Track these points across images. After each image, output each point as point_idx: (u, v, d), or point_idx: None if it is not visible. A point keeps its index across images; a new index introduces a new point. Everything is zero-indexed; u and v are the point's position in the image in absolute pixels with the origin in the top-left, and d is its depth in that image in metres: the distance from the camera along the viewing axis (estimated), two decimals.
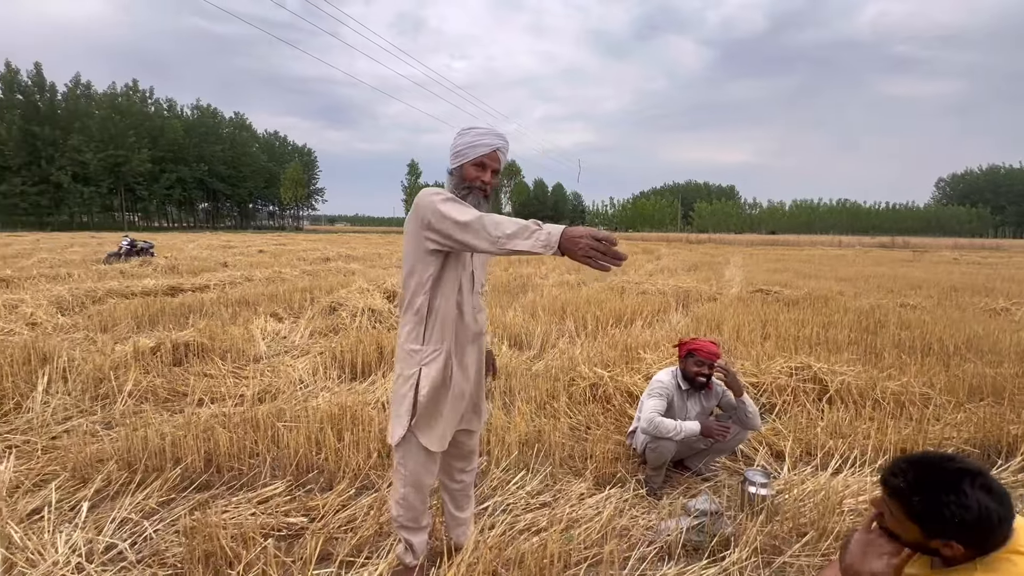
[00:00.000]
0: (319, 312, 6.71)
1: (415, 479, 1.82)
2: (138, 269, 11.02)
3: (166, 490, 2.53)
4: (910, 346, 5.23)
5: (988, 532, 1.11)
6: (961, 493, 1.10)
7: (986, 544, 1.13)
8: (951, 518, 1.11)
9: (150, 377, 3.94)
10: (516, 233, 1.39)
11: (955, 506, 1.10)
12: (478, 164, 1.72)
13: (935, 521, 1.13)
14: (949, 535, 1.13)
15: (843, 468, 2.91)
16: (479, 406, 1.98)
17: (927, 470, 1.17)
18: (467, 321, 1.81)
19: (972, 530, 1.11)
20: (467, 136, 1.73)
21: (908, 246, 42.02)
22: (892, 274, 14.05)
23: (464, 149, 1.72)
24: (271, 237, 34.62)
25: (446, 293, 1.74)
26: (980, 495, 1.10)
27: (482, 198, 1.76)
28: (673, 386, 2.77)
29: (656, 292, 9.04)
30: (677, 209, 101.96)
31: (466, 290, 1.80)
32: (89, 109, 58.89)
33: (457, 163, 1.73)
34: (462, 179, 1.73)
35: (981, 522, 1.10)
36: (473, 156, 1.71)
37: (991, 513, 1.09)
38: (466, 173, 1.72)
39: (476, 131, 1.73)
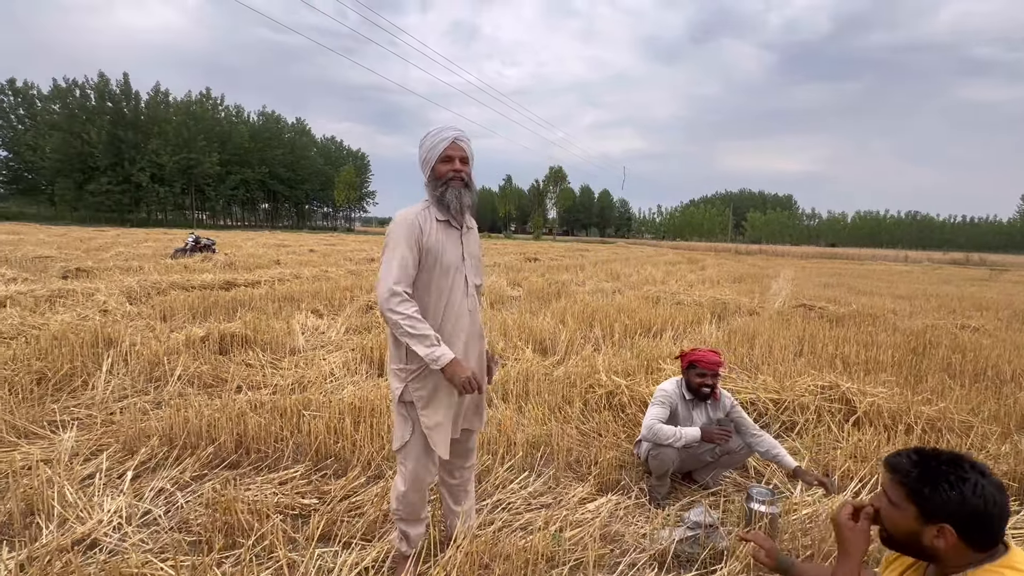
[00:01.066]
0: (356, 310, 7.03)
1: (415, 477, 1.93)
2: (200, 264, 11.88)
3: (199, 466, 2.78)
4: (960, 371, 4.90)
5: (982, 518, 1.13)
6: (961, 469, 1.15)
7: (979, 535, 1.14)
8: (948, 492, 1.14)
9: (197, 364, 4.30)
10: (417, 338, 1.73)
11: (954, 480, 1.14)
12: (444, 159, 1.83)
13: (932, 497, 1.16)
14: (944, 515, 1.15)
15: (861, 492, 2.81)
16: (480, 406, 2.07)
17: (930, 452, 1.23)
18: (463, 326, 1.89)
19: (967, 512, 1.13)
20: (425, 141, 1.85)
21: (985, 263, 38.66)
22: (958, 293, 13.05)
23: (427, 155, 1.84)
24: (323, 237, 36.27)
25: (432, 308, 1.83)
26: (978, 476, 1.14)
27: (462, 187, 1.84)
28: (677, 396, 2.77)
29: (692, 303, 8.84)
30: (728, 218, 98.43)
31: (457, 295, 1.87)
32: (167, 115, 63.83)
33: (427, 169, 1.86)
34: (436, 179, 1.84)
35: (976, 502, 1.12)
36: (437, 155, 1.83)
37: (987, 495, 1.12)
38: (437, 172, 1.84)
39: (431, 133, 1.85)
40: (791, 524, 2.39)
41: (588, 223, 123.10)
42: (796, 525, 2.39)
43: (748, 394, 3.75)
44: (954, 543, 1.15)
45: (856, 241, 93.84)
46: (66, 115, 57.17)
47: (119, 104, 60.74)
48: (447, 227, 1.87)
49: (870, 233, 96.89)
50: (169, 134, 61.35)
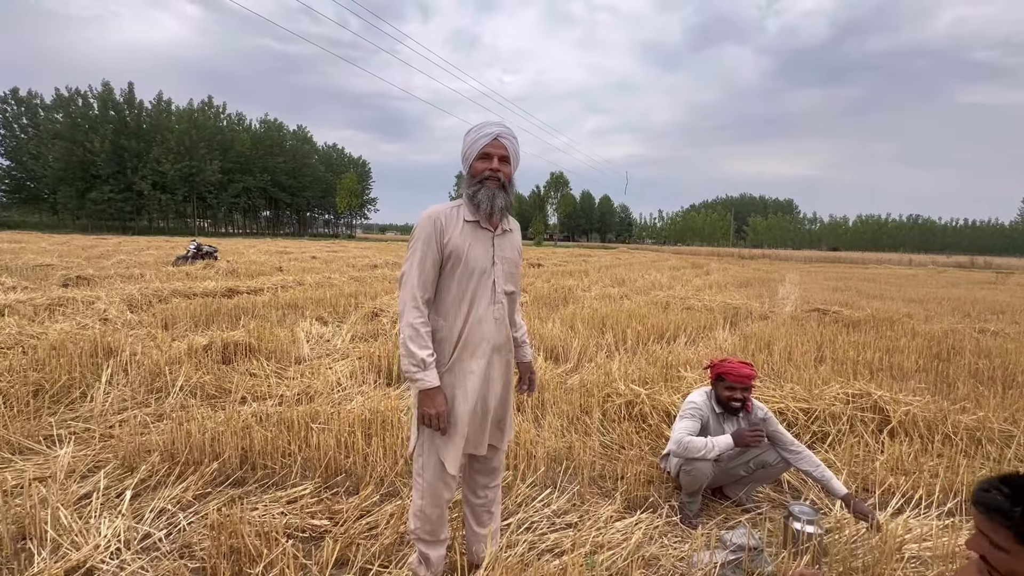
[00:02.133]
0: (361, 317, 6.88)
1: (433, 491, 1.79)
2: (201, 271, 11.76)
3: (203, 484, 2.62)
4: (989, 377, 4.73)
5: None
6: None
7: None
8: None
9: (200, 373, 4.14)
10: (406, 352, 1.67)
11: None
12: (483, 156, 1.73)
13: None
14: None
15: (905, 509, 2.63)
16: (504, 421, 1.91)
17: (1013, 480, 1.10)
18: (486, 333, 1.76)
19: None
20: (468, 137, 1.76)
21: (990, 267, 38.46)
22: (970, 297, 12.87)
23: (467, 150, 1.75)
24: (325, 244, 36.19)
25: (453, 312, 1.73)
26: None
27: (497, 188, 1.73)
28: (708, 408, 2.61)
29: (703, 308, 8.68)
30: (729, 223, 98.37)
31: (483, 300, 1.75)
32: (170, 124, 64.08)
33: (465, 166, 1.77)
34: (471, 176, 1.74)
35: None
36: (476, 151, 1.72)
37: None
38: (473, 169, 1.74)
39: (475, 128, 1.75)
40: (838, 544, 2.22)
41: (589, 228, 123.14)
42: (843, 547, 2.22)
43: (776, 403, 3.58)
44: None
45: (858, 245, 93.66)
46: (69, 124, 57.42)
47: (122, 113, 61.02)
48: (476, 228, 1.75)
49: (872, 237, 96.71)
50: (171, 142, 61.56)
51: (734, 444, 2.41)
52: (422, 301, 1.69)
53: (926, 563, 2.14)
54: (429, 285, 1.70)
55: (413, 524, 1.85)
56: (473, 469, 1.96)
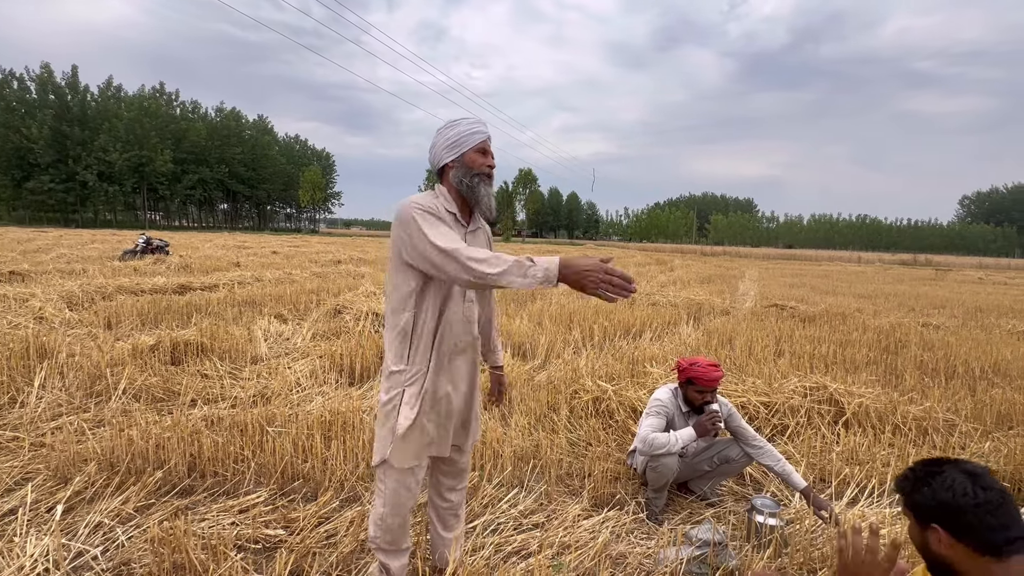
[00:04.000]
0: (324, 315, 6.66)
1: (395, 498, 1.70)
2: (151, 267, 11.13)
3: (145, 495, 2.44)
4: (933, 368, 4.99)
5: (958, 512, 1.11)
6: (937, 467, 1.19)
7: (969, 532, 1.11)
8: (923, 490, 1.17)
9: (145, 376, 3.89)
10: (508, 271, 1.35)
11: (928, 478, 1.18)
12: (480, 150, 1.67)
13: (914, 501, 1.19)
14: (928, 516, 1.16)
15: (860, 498, 2.73)
16: (468, 422, 1.84)
17: (924, 462, 1.24)
18: (457, 333, 1.70)
19: (941, 506, 1.13)
20: (459, 127, 1.67)
21: (930, 264, 41.00)
22: (914, 292, 13.63)
23: (460, 139, 1.65)
24: (287, 239, 35.04)
25: (432, 307, 1.65)
26: (958, 475, 1.15)
27: (489, 183, 1.70)
28: (674, 405, 2.61)
29: (667, 304, 8.84)
30: (692, 221, 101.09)
31: (456, 300, 1.69)
32: (118, 111, 60.47)
33: (455, 153, 1.65)
34: (468, 167, 1.65)
35: (945, 495, 1.13)
36: (472, 144, 1.66)
37: (956, 486, 1.13)
38: (470, 161, 1.65)
39: (466, 121, 1.68)
40: (799, 535, 2.27)
41: (557, 225, 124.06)
42: (804, 537, 2.26)
43: (739, 397, 3.66)
44: (952, 544, 1.13)
45: (812, 243, 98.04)
46: (2, 108, 53.33)
47: (64, 98, 57.15)
48: (455, 221, 1.67)
49: (825, 235, 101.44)
50: (119, 130, 58.20)
51: (696, 434, 2.42)
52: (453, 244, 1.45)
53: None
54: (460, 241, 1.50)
55: (373, 532, 1.75)
56: (439, 471, 1.89)
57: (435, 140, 1.68)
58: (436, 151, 1.68)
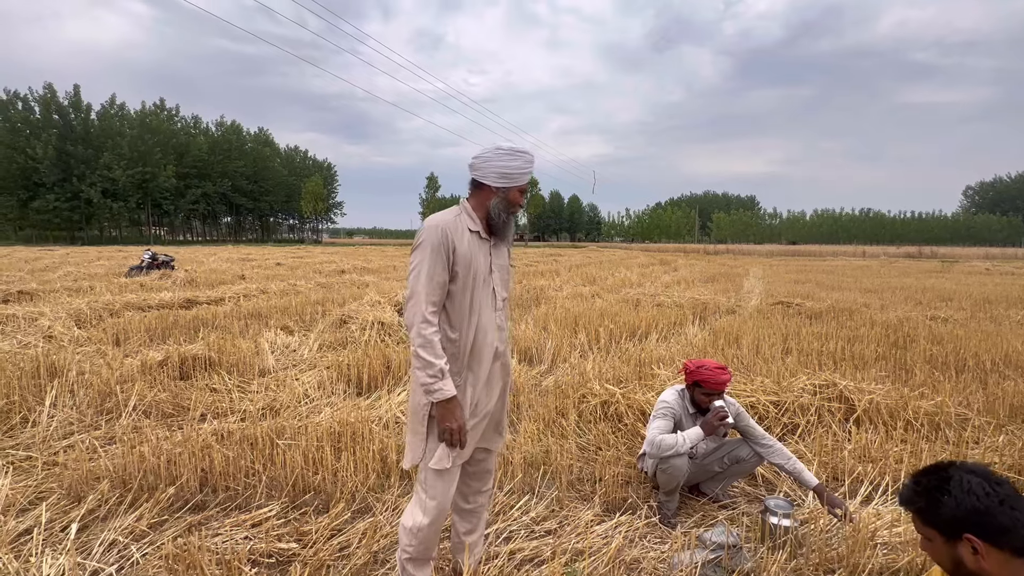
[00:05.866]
0: (329, 325, 6.68)
1: (440, 507, 1.73)
2: (157, 282, 11.21)
3: (158, 511, 2.45)
4: (943, 362, 4.95)
5: (986, 514, 1.08)
6: (943, 472, 1.16)
7: (1003, 534, 1.07)
8: (943, 499, 1.13)
9: (155, 391, 3.91)
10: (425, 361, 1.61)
11: (941, 486, 1.14)
12: (522, 189, 1.78)
13: (939, 515, 1.14)
14: (959, 527, 1.11)
15: (874, 496, 2.70)
16: (501, 424, 1.92)
17: (924, 473, 1.22)
18: (490, 341, 1.77)
19: (970, 512, 1.10)
20: (518, 160, 1.73)
21: (936, 256, 40.72)
22: (920, 285, 13.54)
23: (515, 174, 1.73)
24: (290, 250, 35.19)
25: (463, 322, 1.72)
26: (966, 476, 1.13)
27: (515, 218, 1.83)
28: (680, 407, 2.60)
29: (672, 304, 8.82)
30: (694, 220, 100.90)
31: (487, 309, 1.76)
32: (121, 128, 61.06)
33: (505, 184, 1.74)
34: (509, 202, 1.75)
35: (971, 500, 1.10)
36: (522, 182, 1.76)
37: (975, 488, 1.10)
38: (513, 198, 1.75)
39: (525, 157, 1.75)
40: (814, 536, 2.25)
41: (559, 228, 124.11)
42: (819, 537, 2.24)
43: (748, 397, 3.64)
44: (988, 550, 1.08)
45: (815, 238, 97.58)
46: (7, 129, 53.98)
47: (67, 117, 57.81)
48: (477, 237, 1.76)
49: (828, 230, 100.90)
50: (123, 147, 58.75)
51: (704, 433, 2.42)
52: (431, 311, 1.65)
53: (896, 549, 2.18)
54: (439, 294, 1.67)
55: (407, 541, 1.75)
56: (466, 474, 1.93)
57: (490, 157, 1.71)
58: (486, 169, 1.72)
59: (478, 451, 1.88)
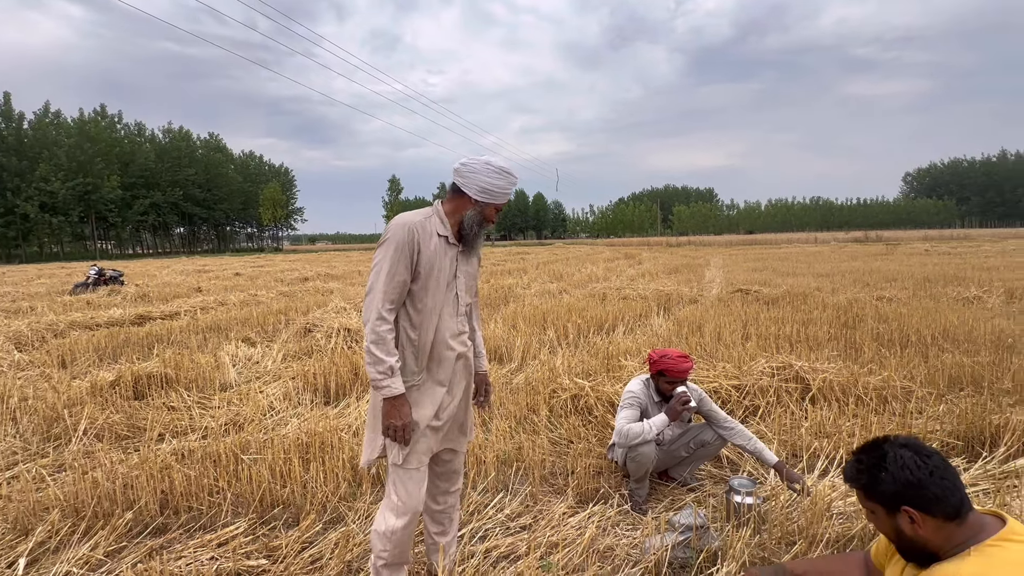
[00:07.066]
0: (293, 335, 6.51)
1: (411, 508, 1.73)
2: (106, 299, 10.64)
3: (115, 538, 2.33)
4: (889, 339, 5.25)
5: (920, 485, 1.16)
6: (884, 455, 1.23)
7: (936, 503, 1.16)
8: (881, 475, 1.20)
9: (107, 414, 3.72)
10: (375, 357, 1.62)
11: (879, 462, 1.22)
12: (499, 208, 1.80)
13: (879, 491, 1.22)
14: (897, 500, 1.19)
15: (830, 469, 2.85)
16: (465, 425, 1.93)
17: (863, 451, 1.29)
18: (450, 344, 1.78)
19: (905, 485, 1.17)
20: (503, 180, 1.74)
21: (881, 240, 43.06)
22: (867, 268, 14.30)
23: (497, 192, 1.75)
24: (250, 259, 33.97)
25: (424, 323, 1.73)
26: (899, 451, 1.21)
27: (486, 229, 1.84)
28: (646, 396, 2.68)
29: (637, 297, 9.01)
30: (656, 214, 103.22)
31: (448, 313, 1.78)
32: (58, 138, 57.50)
33: (484, 199, 1.75)
34: (483, 217, 1.77)
35: (905, 474, 1.17)
36: (501, 201, 1.77)
37: (908, 462, 1.18)
38: (488, 214, 1.77)
39: (510, 178, 1.76)
40: (776, 511, 2.36)
41: (525, 226, 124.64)
42: (780, 513, 2.35)
43: (711, 383, 3.76)
44: (923, 519, 1.17)
45: (770, 227, 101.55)
46: None
47: None
48: (445, 242, 1.76)
49: (782, 219, 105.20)
50: (60, 158, 55.35)
51: (669, 419, 2.49)
52: (389, 308, 1.66)
53: (851, 518, 2.31)
54: (398, 293, 1.68)
55: (381, 546, 1.73)
56: (435, 474, 1.94)
57: (478, 169, 1.71)
58: (470, 179, 1.72)
59: (445, 451, 1.90)
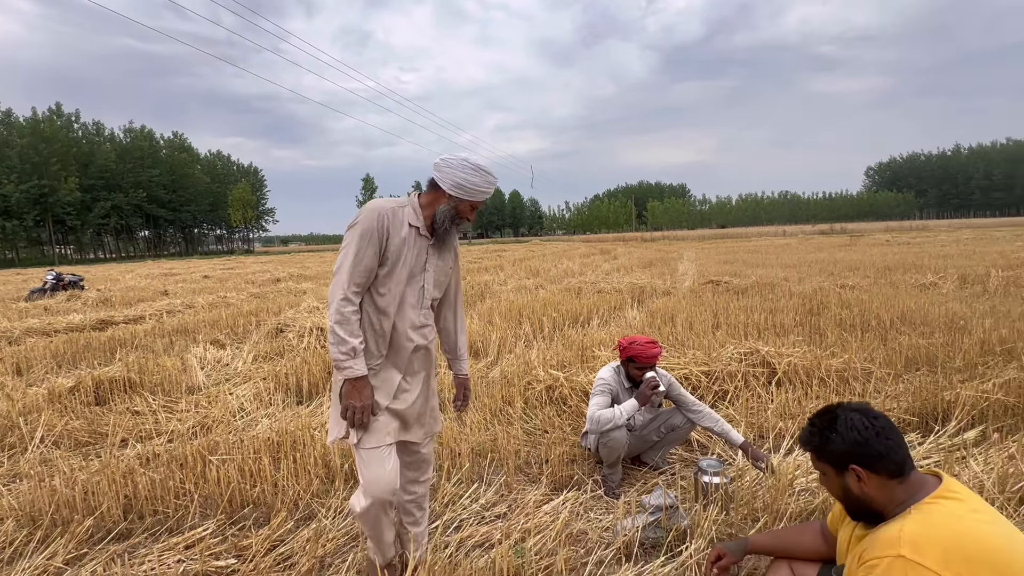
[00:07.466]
0: (265, 335, 6.37)
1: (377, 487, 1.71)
2: (64, 304, 10.20)
3: (76, 544, 2.25)
4: (851, 324, 5.45)
5: (867, 445, 1.22)
6: (831, 414, 1.30)
7: (880, 461, 1.22)
8: (832, 436, 1.27)
9: (66, 420, 3.58)
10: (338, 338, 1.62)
11: (830, 425, 1.28)
12: (474, 206, 1.78)
13: (829, 451, 1.28)
14: (845, 459, 1.25)
15: (795, 449, 2.94)
16: (424, 416, 1.92)
17: (816, 416, 1.35)
18: (410, 335, 1.78)
19: (853, 445, 1.24)
20: (478, 178, 1.72)
21: (845, 232, 44.54)
22: (832, 259, 14.78)
23: (471, 188, 1.73)
24: (219, 262, 33.04)
25: (385, 306, 1.74)
26: (849, 414, 1.27)
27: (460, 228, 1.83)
28: (617, 383, 2.72)
29: (612, 290, 9.12)
30: (631, 209, 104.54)
31: (411, 304, 1.78)
32: (9, 138, 54.74)
33: (457, 194, 1.74)
34: (457, 213, 1.76)
35: (853, 434, 1.24)
36: (476, 199, 1.76)
37: (857, 423, 1.25)
38: (463, 210, 1.76)
39: (487, 177, 1.74)
40: (742, 491, 2.43)
41: (502, 224, 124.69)
42: (747, 491, 2.42)
43: (681, 369, 3.85)
44: (868, 477, 1.23)
45: (741, 221, 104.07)
46: None
47: None
48: (416, 233, 1.76)
49: (752, 213, 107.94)
50: (12, 159, 52.76)
51: (639, 403, 2.54)
52: (354, 291, 1.66)
53: (814, 492, 2.40)
54: (364, 277, 1.68)
55: (361, 524, 1.81)
56: (403, 464, 1.93)
57: (455, 165, 1.71)
58: (447, 174, 1.71)
59: (410, 442, 1.90)
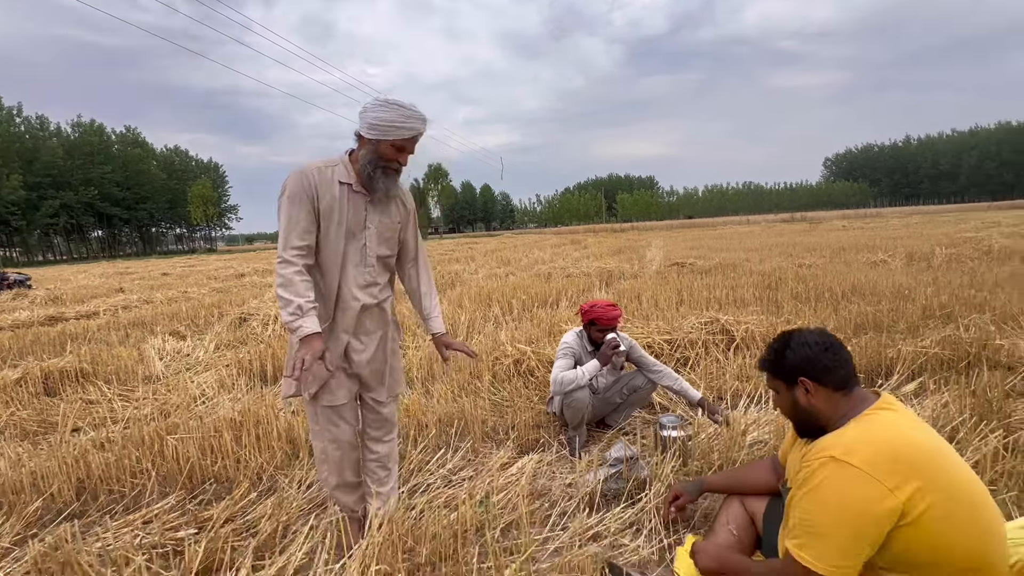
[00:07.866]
0: (228, 326, 6.20)
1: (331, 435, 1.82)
2: (10, 303, 9.67)
3: (24, 526, 2.17)
4: (805, 296, 5.69)
5: (816, 358, 1.32)
6: (787, 336, 1.41)
7: (827, 374, 1.31)
8: (786, 352, 1.37)
9: (12, 410, 3.42)
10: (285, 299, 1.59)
11: (784, 343, 1.39)
12: (397, 147, 1.65)
13: (782, 367, 1.38)
14: (795, 373, 1.35)
15: (750, 407, 3.07)
16: (384, 375, 1.92)
17: (775, 339, 1.45)
18: (357, 294, 1.76)
19: (803, 359, 1.33)
20: (390, 112, 1.60)
21: (805, 219, 46.23)
22: (791, 242, 15.34)
23: (386, 127, 1.61)
24: (180, 260, 31.81)
25: (329, 271, 1.73)
26: (805, 333, 1.38)
27: (394, 176, 1.72)
28: (579, 346, 2.78)
29: (581, 274, 9.24)
30: (601, 202, 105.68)
31: (354, 263, 1.75)
32: None
33: (375, 136, 1.63)
34: (378, 156, 1.65)
35: (805, 350, 1.33)
36: (395, 137, 1.63)
37: (808, 340, 1.35)
38: (383, 151, 1.64)
39: (401, 111, 1.61)
40: (699, 445, 2.53)
41: (473, 219, 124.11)
42: (704, 444, 2.52)
43: (645, 338, 3.95)
44: (816, 389, 1.32)
45: (707, 211, 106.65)
46: None
47: None
48: (349, 190, 1.70)
49: (718, 204, 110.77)
50: None
51: (600, 364, 2.61)
52: (293, 253, 1.63)
53: (765, 442, 2.52)
54: (303, 239, 1.64)
55: (321, 473, 1.90)
56: (365, 422, 1.95)
57: (368, 107, 1.63)
58: (363, 117, 1.64)
59: (370, 400, 1.92)
